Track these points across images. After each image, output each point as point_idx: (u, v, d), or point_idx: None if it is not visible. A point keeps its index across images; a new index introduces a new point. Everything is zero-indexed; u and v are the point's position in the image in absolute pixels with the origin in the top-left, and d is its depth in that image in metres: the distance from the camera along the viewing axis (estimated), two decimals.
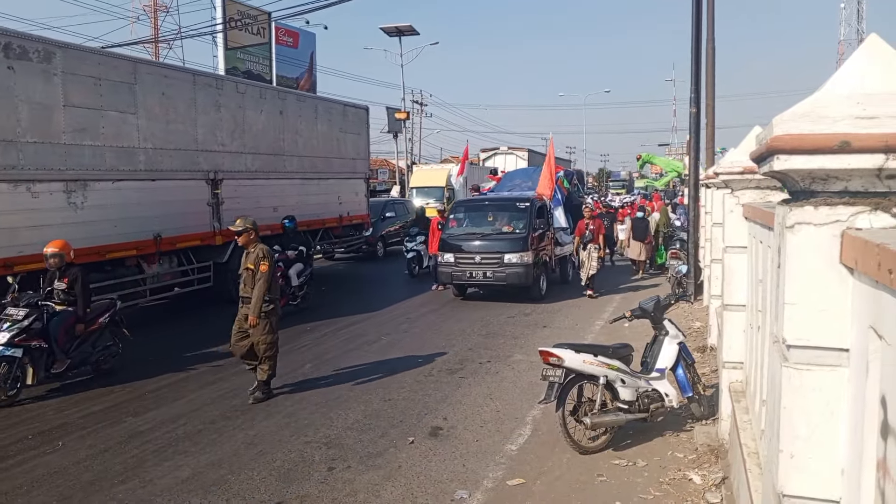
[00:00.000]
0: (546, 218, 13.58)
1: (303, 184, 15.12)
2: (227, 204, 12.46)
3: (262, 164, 13.70)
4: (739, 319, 4.97)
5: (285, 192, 14.40)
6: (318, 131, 15.79)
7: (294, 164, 14.80)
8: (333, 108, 16.86)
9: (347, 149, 17.08)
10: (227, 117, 12.68)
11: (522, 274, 12.33)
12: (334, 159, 16.42)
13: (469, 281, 12.78)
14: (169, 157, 11.26)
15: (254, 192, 13.40)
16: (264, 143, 13.75)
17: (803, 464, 1.97)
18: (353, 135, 17.44)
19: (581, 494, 4.87)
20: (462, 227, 13.56)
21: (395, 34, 40.01)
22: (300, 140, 15.03)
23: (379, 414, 6.63)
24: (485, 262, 12.57)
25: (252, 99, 13.44)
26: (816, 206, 1.87)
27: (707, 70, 12.92)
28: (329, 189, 16.19)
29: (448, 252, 12.90)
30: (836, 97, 1.76)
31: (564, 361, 5.38)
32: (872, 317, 1.64)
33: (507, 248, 12.48)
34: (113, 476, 5.26)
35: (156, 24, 40.82)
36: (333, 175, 16.35)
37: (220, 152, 12.44)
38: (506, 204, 13.78)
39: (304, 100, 15.89)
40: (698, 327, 10.21)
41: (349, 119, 17.27)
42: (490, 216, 13.51)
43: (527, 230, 12.66)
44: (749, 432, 3.79)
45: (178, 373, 8.20)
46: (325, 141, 16.05)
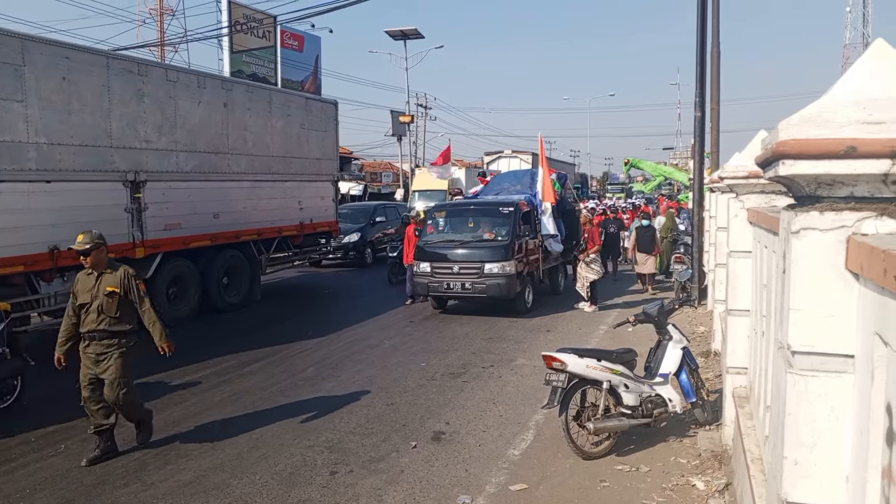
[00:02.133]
0: (533, 224, 12.59)
1: (253, 187, 13.25)
2: (152, 210, 10.71)
3: (200, 164, 11.85)
4: (744, 324, 4.95)
5: (230, 196, 12.60)
6: (274, 127, 13.86)
7: (242, 164, 12.89)
8: (293, 101, 14.95)
9: (311, 147, 15.11)
10: (154, 109, 10.83)
11: (504, 285, 11.31)
12: (294, 159, 14.51)
13: (446, 293, 11.79)
14: (71, 155, 9.42)
15: (188, 195, 11.55)
16: (203, 139, 11.90)
17: (808, 471, 1.96)
18: (318, 132, 15.45)
19: (584, 500, 4.85)
20: (440, 233, 12.52)
21: (400, 38, 40.11)
22: (250, 137, 13.13)
23: (381, 418, 6.61)
24: (463, 272, 11.56)
25: (187, 88, 11.57)
26: (822, 211, 1.85)
27: (712, 74, 12.92)
28: (287, 193, 14.31)
29: (424, 261, 11.88)
30: (842, 102, 1.75)
31: (568, 366, 5.36)
32: (878, 323, 1.62)
33: (487, 256, 11.46)
34: (115, 479, 5.26)
35: (161, 27, 40.97)
36: (293, 177, 14.47)
37: (142, 150, 10.65)
38: (487, 209, 12.61)
39: (254, 91, 13.74)
40: (702, 332, 10.17)
41: (313, 114, 15.28)
42: (470, 222, 12.46)
43: (510, 237, 11.64)
44: (753, 438, 3.77)
45: (179, 376, 8.19)
46: (283, 138, 14.15)
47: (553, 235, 12.97)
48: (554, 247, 13.14)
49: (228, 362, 8.79)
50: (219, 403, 7.14)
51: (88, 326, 5.55)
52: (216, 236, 12.19)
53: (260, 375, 8.24)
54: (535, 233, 12.61)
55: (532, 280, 12.36)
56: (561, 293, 13.92)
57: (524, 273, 11.85)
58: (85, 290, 5.58)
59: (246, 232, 13.03)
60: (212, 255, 12.31)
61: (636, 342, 7.98)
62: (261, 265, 13.76)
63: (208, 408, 7.01)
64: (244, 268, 13.23)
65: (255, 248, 13.45)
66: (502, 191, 14.44)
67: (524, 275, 11.85)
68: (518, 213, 12.04)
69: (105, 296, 5.53)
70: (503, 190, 14.51)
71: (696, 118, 12.65)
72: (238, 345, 9.84)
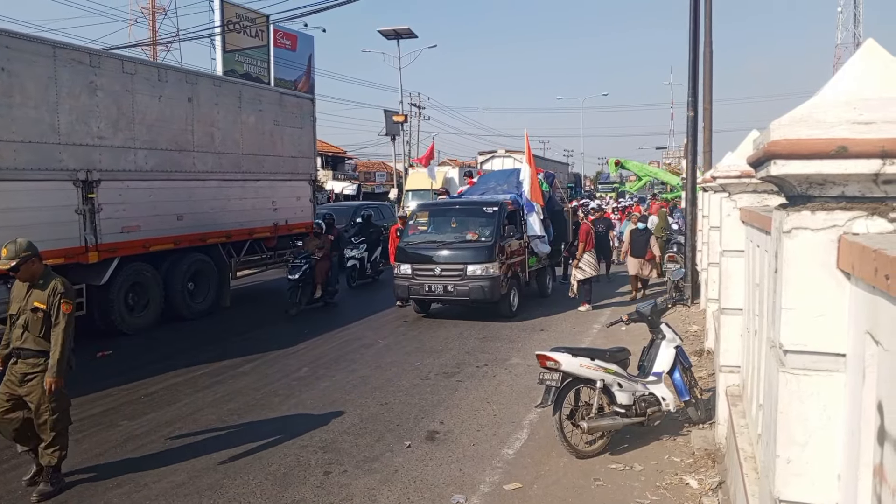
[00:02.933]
0: (518, 224, 12.16)
1: (221, 186, 12.53)
2: (107, 211, 10.01)
3: (161, 162, 11.14)
4: (736, 323, 4.96)
5: (195, 196, 11.87)
6: (244, 123, 13.13)
7: (209, 162, 12.19)
8: (265, 95, 14.12)
9: (285, 145, 14.38)
10: (108, 103, 10.10)
11: (487, 288, 10.84)
12: (266, 157, 13.78)
13: (427, 296, 11.32)
14: (12, 152, 8.74)
15: (148, 196, 10.88)
16: (165, 135, 11.19)
17: (800, 469, 1.97)
18: (294, 129, 14.70)
19: (578, 499, 4.86)
20: (422, 234, 12.02)
21: (393, 37, 40.06)
22: (218, 133, 12.41)
23: (375, 418, 6.61)
24: (445, 274, 11.08)
25: (146, 81, 10.83)
26: (813, 210, 1.86)
27: (704, 74, 12.94)
28: (259, 192, 13.60)
29: (405, 263, 11.42)
30: (833, 102, 1.76)
31: (561, 365, 5.37)
32: (869, 322, 1.63)
33: (469, 258, 11.01)
34: (107, 480, 5.23)
35: (154, 26, 40.81)
36: (265, 176, 13.77)
37: (95, 147, 9.93)
38: (471, 208, 12.15)
39: (222, 85, 12.89)
40: (695, 331, 10.21)
41: (288, 110, 14.51)
42: (453, 222, 11.96)
43: (493, 238, 11.16)
44: (746, 436, 3.78)
45: (173, 377, 8.17)
46: (254, 135, 13.41)
47: (540, 236, 12.57)
48: (541, 248, 12.75)
49: (220, 362, 8.76)
50: (211, 404, 7.12)
51: (14, 343, 4.99)
52: (180, 239, 11.52)
53: (253, 376, 8.22)
54: (521, 233, 12.22)
55: (518, 282, 11.97)
56: (549, 295, 13.64)
57: (509, 275, 11.48)
58: (16, 301, 5.05)
59: (213, 234, 12.33)
60: (176, 260, 11.66)
61: (630, 341, 8.00)
62: (231, 269, 13.07)
63: (201, 408, 6.98)
64: (212, 272, 12.49)
65: (223, 252, 12.78)
66: (488, 190, 13.99)
67: (509, 277, 11.48)
68: (503, 213, 11.64)
69: (31, 311, 4.93)
70: (489, 189, 14.06)
71: (688, 118, 12.67)
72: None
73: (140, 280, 10.97)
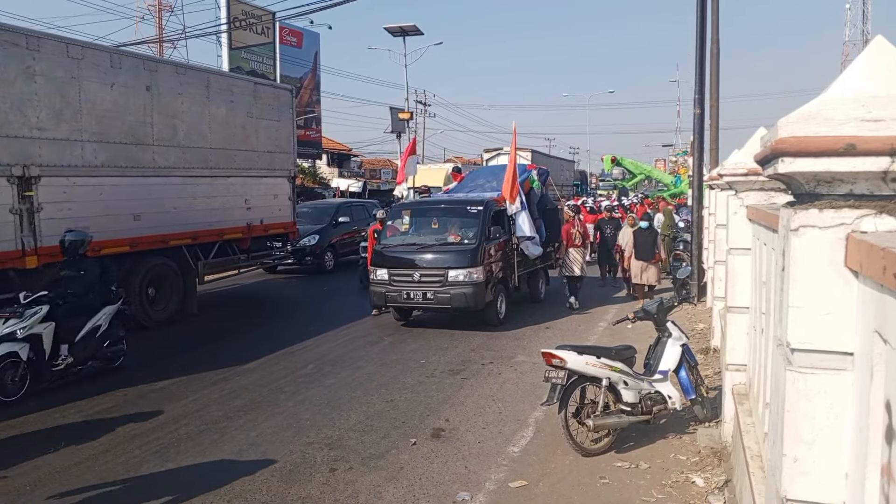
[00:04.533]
0: (506, 225, 11.24)
1: (186, 184, 11.50)
2: (48, 211, 8.97)
3: (114, 157, 10.10)
4: (743, 322, 4.95)
5: (155, 194, 10.85)
6: (213, 115, 12.07)
7: (171, 157, 11.18)
8: (237, 85, 13.06)
9: (260, 139, 13.36)
10: (50, 91, 9.05)
11: (471, 294, 10.03)
12: (239, 152, 12.73)
13: (406, 303, 10.50)
14: None
15: (98, 194, 9.84)
16: (118, 128, 10.15)
17: (807, 468, 1.96)
18: (270, 121, 13.69)
19: (583, 497, 4.85)
20: (400, 236, 11.17)
21: (399, 34, 40.08)
22: (182, 126, 11.38)
23: (381, 415, 6.62)
24: (425, 279, 10.25)
25: (95, 68, 9.78)
26: (821, 208, 1.85)
27: (711, 71, 12.90)
28: (230, 190, 12.55)
29: (382, 267, 10.58)
30: (841, 99, 1.75)
31: (567, 363, 5.37)
32: (877, 321, 1.62)
33: (451, 262, 10.18)
34: (115, 477, 5.26)
35: (160, 23, 40.91)
36: (237, 172, 12.71)
37: (34, 139, 8.89)
38: (453, 208, 11.28)
39: (186, 73, 11.73)
40: (701, 329, 10.19)
41: (263, 101, 13.48)
42: (434, 223, 11.10)
43: (478, 240, 10.36)
44: (752, 435, 3.77)
45: (179, 373, 8.19)
46: (224, 128, 12.38)
47: (530, 237, 11.62)
48: (532, 250, 11.79)
49: (227, 359, 8.78)
50: (218, 400, 7.15)
51: None
52: (137, 241, 10.45)
53: (259, 373, 8.24)
54: (510, 234, 11.31)
55: (506, 288, 11.17)
56: (542, 300, 12.82)
57: (496, 280, 10.71)
58: None
59: (176, 236, 11.27)
60: (133, 264, 10.63)
61: (635, 339, 7.98)
62: (198, 273, 11.97)
63: (207, 405, 7.01)
64: (175, 277, 11.46)
65: (189, 254, 11.70)
66: (476, 188, 13.07)
67: (496, 282, 10.71)
68: (488, 213, 10.79)
69: None
70: (477, 187, 13.11)
71: (695, 115, 12.65)
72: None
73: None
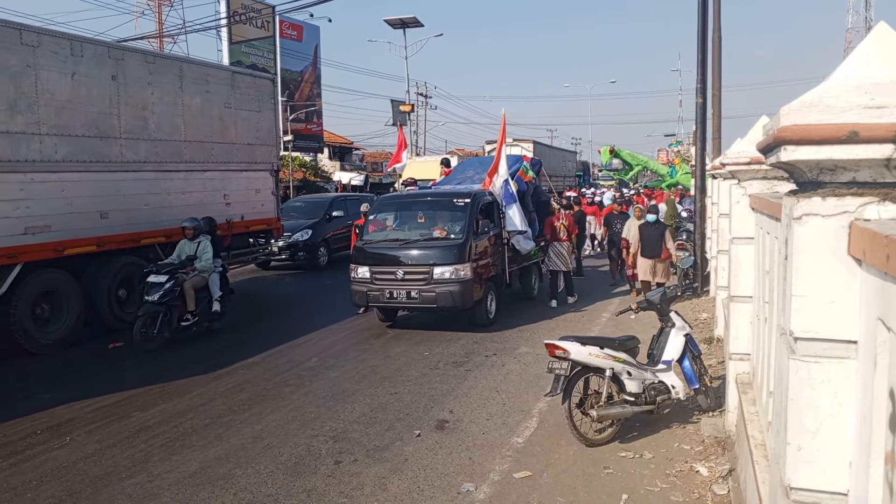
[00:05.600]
0: (496, 218, 10.62)
1: (158, 178, 10.97)
2: (3, 209, 8.51)
3: (78, 151, 9.53)
4: (746, 311, 4.95)
5: (124, 190, 10.29)
6: (186, 106, 11.53)
7: (141, 150, 10.60)
8: (213, 74, 12.37)
9: (239, 131, 12.75)
10: (1, 80, 8.56)
11: (458, 293, 9.37)
12: (216, 144, 12.14)
13: (389, 303, 9.81)
14: None
15: (60, 190, 9.29)
16: (80, 120, 9.58)
17: (811, 456, 1.96)
18: (250, 112, 13.07)
19: (587, 487, 4.87)
20: (383, 231, 10.60)
21: (399, 26, 40.02)
22: (152, 117, 10.82)
23: (385, 407, 6.64)
24: (409, 277, 9.57)
25: (53, 56, 9.20)
26: (824, 196, 1.85)
27: (713, 60, 12.85)
28: (207, 185, 11.96)
29: (363, 265, 9.94)
30: (843, 87, 1.74)
31: (570, 354, 5.37)
32: (881, 309, 1.62)
33: (437, 258, 9.55)
34: (121, 470, 5.29)
35: (160, 18, 40.84)
36: (215, 166, 12.13)
37: None
38: (439, 201, 10.65)
39: (157, 61, 11.10)
40: (705, 318, 10.18)
41: (241, 91, 12.87)
42: (420, 217, 10.52)
43: (465, 234, 9.69)
44: (756, 424, 3.78)
45: (183, 368, 8.22)
46: (200, 119, 11.82)
47: (522, 231, 10.89)
48: (523, 245, 11.09)
49: (230, 353, 8.81)
50: (222, 394, 7.17)
51: None
52: (105, 240, 9.92)
53: (263, 366, 8.27)
54: (500, 228, 10.68)
55: (496, 285, 10.53)
56: (535, 297, 12.21)
57: (485, 277, 10.02)
58: None
59: (148, 234, 10.77)
60: (101, 264, 10.11)
61: (639, 329, 8.00)
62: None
63: (212, 399, 7.03)
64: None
65: (163, 253, 10.97)
66: (465, 180, 12.32)
67: (485, 279, 10.03)
68: (476, 206, 10.13)
69: None
70: (467, 179, 12.33)
71: (697, 104, 12.59)
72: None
73: (53, 288, 9.39)
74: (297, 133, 39.85)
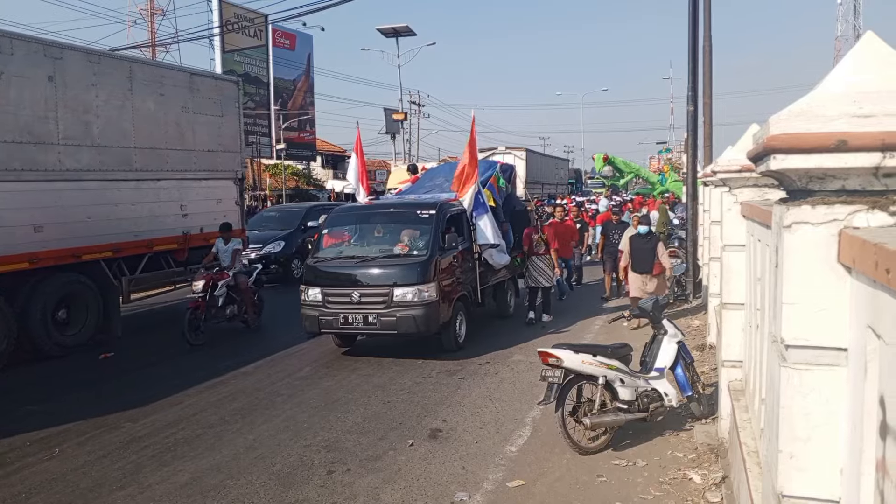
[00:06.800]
0: (465, 231, 9.55)
1: (103, 188, 10.00)
2: None
3: (6, 159, 8.64)
4: (738, 318, 4.96)
5: (62, 201, 9.36)
6: (137, 110, 10.60)
7: (83, 157, 9.65)
8: (168, 76, 11.48)
9: (198, 137, 11.86)
10: None
11: (422, 317, 8.27)
12: (171, 151, 11.27)
13: (344, 329, 8.65)
14: None
15: None
16: (10, 124, 8.72)
17: (803, 464, 1.96)
18: (211, 117, 12.14)
19: (581, 495, 4.85)
20: (337, 247, 9.41)
21: (391, 35, 40.15)
22: (97, 122, 9.88)
23: (378, 416, 6.61)
24: (366, 300, 8.44)
25: None
26: (814, 205, 1.86)
27: (704, 68, 12.93)
28: (162, 195, 11.08)
29: (314, 285, 8.79)
30: (832, 95, 1.75)
31: (563, 362, 5.37)
32: (870, 316, 1.62)
33: (397, 277, 8.42)
34: (111, 482, 5.24)
35: (153, 27, 40.84)
36: (170, 175, 11.25)
37: None
38: (401, 212, 9.58)
39: (101, 61, 10.13)
40: (697, 326, 10.20)
41: (202, 95, 11.95)
42: (378, 230, 9.46)
43: (429, 250, 8.62)
44: (749, 431, 3.78)
45: (175, 377, 8.17)
46: (153, 124, 10.94)
47: (494, 245, 9.87)
48: (497, 259, 10.08)
49: (222, 363, 8.76)
50: (214, 404, 7.13)
51: None
52: (38, 257, 8.96)
53: (256, 376, 8.23)
54: (470, 242, 9.61)
55: (465, 305, 9.42)
56: (510, 315, 11.30)
57: (453, 297, 8.95)
58: None
59: (92, 249, 9.79)
60: (37, 282, 9.18)
61: (631, 337, 8.01)
62: (122, 291, 10.45)
63: (204, 409, 6.99)
64: (91, 296, 9.94)
65: (110, 270, 10.20)
66: (434, 188, 11.11)
67: (453, 299, 8.95)
68: (442, 217, 9.03)
69: None
70: (435, 187, 11.13)
71: (688, 112, 12.66)
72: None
73: None
74: (290, 141, 39.88)
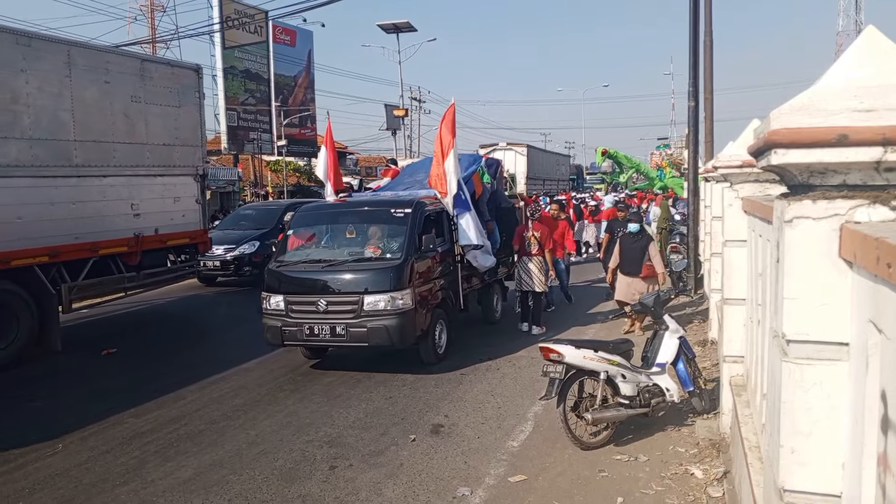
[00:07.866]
0: (445, 231, 8.77)
1: (35, 186, 8.91)
2: None
3: None
4: (740, 313, 4.96)
5: None
6: (77, 98, 9.50)
7: (10, 152, 8.58)
8: (114, 62, 10.31)
9: (151, 129, 10.81)
10: None
11: (395, 327, 7.48)
12: (119, 145, 10.21)
13: (309, 341, 7.87)
14: None
15: None
16: None
17: (804, 459, 1.97)
18: (165, 107, 11.08)
19: (583, 490, 4.87)
20: (303, 250, 8.63)
21: (392, 31, 40.10)
22: (28, 112, 8.81)
23: (380, 412, 6.62)
24: (334, 309, 7.65)
25: None
26: (815, 199, 1.86)
27: (705, 63, 12.90)
28: (108, 193, 10.04)
29: (276, 292, 7.97)
30: (833, 90, 1.75)
31: (565, 357, 5.37)
32: (872, 311, 1.63)
33: (368, 284, 7.63)
34: (114, 477, 5.26)
35: (153, 23, 40.78)
36: (117, 170, 10.20)
37: None
38: (374, 211, 8.74)
39: (33, 44, 8.96)
40: (699, 321, 10.20)
41: (155, 83, 10.87)
42: (349, 231, 8.61)
43: (404, 253, 7.84)
44: (750, 426, 3.79)
45: (178, 373, 8.18)
46: (96, 115, 9.87)
47: (478, 246, 8.99)
48: (481, 261, 9.24)
49: (225, 358, 8.78)
50: (217, 400, 7.14)
51: None
52: None
53: (258, 371, 8.24)
54: (451, 243, 8.78)
55: (446, 313, 8.57)
56: (497, 321, 10.59)
57: (432, 304, 8.15)
58: None
59: (22, 253, 8.71)
60: None
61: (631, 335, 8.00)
62: (61, 299, 9.35)
63: (206, 404, 7.01)
64: (22, 306, 8.84)
65: (45, 276, 9.11)
66: (414, 184, 10.18)
67: (432, 307, 8.14)
68: (419, 217, 8.21)
69: None
70: (415, 183, 10.17)
71: (689, 108, 12.65)
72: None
73: None
74: (291, 138, 39.85)
